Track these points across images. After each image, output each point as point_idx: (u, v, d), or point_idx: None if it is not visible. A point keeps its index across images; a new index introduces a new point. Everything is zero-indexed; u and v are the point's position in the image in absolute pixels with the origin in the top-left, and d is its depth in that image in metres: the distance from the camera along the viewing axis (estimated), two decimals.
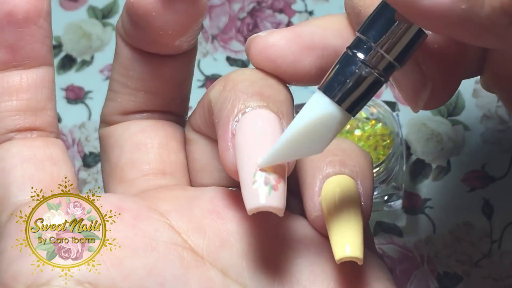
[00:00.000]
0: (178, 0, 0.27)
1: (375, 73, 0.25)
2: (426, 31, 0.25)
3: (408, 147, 0.50)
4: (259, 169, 0.25)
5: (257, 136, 0.25)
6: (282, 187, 0.25)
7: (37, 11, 0.27)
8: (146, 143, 0.30)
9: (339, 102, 0.25)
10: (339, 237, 0.26)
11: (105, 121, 0.31)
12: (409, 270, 0.46)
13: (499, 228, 0.47)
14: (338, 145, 0.28)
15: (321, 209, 0.27)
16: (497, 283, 0.45)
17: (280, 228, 0.28)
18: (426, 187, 0.48)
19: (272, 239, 0.28)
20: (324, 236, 0.27)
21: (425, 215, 0.47)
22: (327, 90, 0.25)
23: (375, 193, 0.44)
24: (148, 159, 0.30)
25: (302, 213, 0.28)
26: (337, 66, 0.25)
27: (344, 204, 0.26)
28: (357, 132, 0.45)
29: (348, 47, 0.25)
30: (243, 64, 0.55)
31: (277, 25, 0.57)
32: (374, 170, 0.42)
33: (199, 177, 0.30)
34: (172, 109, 0.31)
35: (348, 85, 0.24)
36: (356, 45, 0.25)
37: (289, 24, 0.57)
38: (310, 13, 0.57)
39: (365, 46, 0.25)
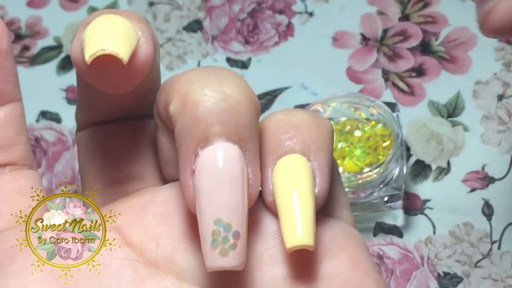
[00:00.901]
0: (105, 67, 0.25)
1: None
2: None
3: (408, 148, 0.50)
4: (219, 222, 0.24)
5: (217, 182, 0.24)
6: (241, 244, 0.24)
7: None
8: (114, 148, 0.29)
9: None
10: (288, 225, 0.25)
11: (78, 126, 0.31)
12: (409, 270, 0.46)
13: (499, 229, 0.47)
14: (288, 120, 0.27)
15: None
16: (497, 284, 0.45)
17: None
18: (426, 188, 0.48)
19: None
20: None
21: (425, 216, 0.47)
22: None
23: (375, 194, 0.44)
24: (114, 165, 0.29)
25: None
26: None
27: (293, 186, 0.25)
28: (357, 133, 0.45)
29: None
30: (243, 65, 0.55)
31: (277, 26, 0.57)
32: (374, 171, 0.42)
33: (169, 170, 0.29)
34: (141, 113, 0.30)
35: None
36: None
37: (289, 25, 0.57)
38: (310, 14, 0.57)
39: None
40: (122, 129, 0.29)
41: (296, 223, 0.25)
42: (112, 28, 0.24)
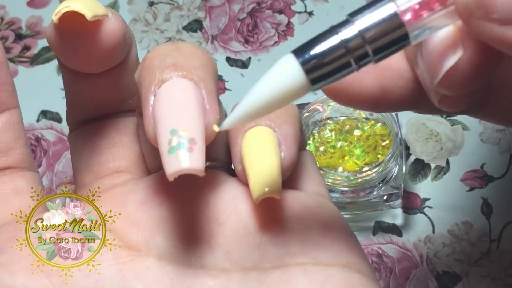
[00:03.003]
0: (75, 38, 0.26)
1: (350, 58, 0.23)
2: (412, 41, 0.23)
3: (407, 147, 0.50)
4: (174, 132, 0.24)
5: (172, 104, 0.25)
6: (198, 148, 0.24)
7: None
8: (99, 145, 0.30)
9: (307, 72, 0.24)
10: (254, 177, 0.26)
11: (69, 128, 0.32)
12: (408, 269, 0.46)
13: (498, 227, 0.47)
14: None
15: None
16: (496, 282, 0.45)
17: (208, 197, 0.28)
18: (425, 187, 0.49)
19: (202, 212, 0.28)
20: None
21: (424, 215, 0.48)
22: (300, 56, 0.24)
23: (374, 193, 0.44)
24: (100, 161, 0.30)
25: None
26: (319, 39, 0.24)
27: (259, 149, 0.27)
28: (357, 133, 0.45)
29: (336, 25, 0.23)
30: (243, 65, 0.55)
31: (277, 26, 0.57)
32: (374, 170, 0.43)
33: (152, 161, 0.30)
34: (124, 109, 0.31)
35: (322, 59, 0.24)
36: (343, 24, 0.23)
37: (289, 24, 0.57)
38: (310, 13, 0.57)
39: (350, 28, 0.23)
40: (108, 126, 0.31)
41: (261, 174, 0.26)
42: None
